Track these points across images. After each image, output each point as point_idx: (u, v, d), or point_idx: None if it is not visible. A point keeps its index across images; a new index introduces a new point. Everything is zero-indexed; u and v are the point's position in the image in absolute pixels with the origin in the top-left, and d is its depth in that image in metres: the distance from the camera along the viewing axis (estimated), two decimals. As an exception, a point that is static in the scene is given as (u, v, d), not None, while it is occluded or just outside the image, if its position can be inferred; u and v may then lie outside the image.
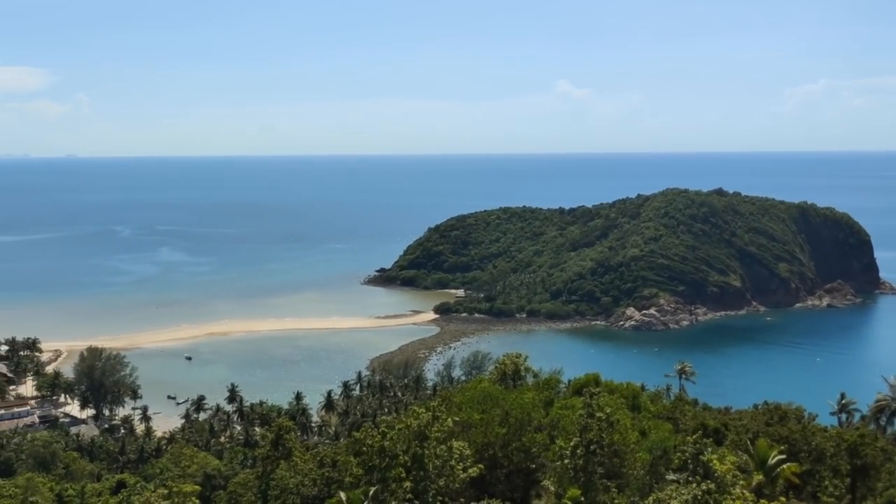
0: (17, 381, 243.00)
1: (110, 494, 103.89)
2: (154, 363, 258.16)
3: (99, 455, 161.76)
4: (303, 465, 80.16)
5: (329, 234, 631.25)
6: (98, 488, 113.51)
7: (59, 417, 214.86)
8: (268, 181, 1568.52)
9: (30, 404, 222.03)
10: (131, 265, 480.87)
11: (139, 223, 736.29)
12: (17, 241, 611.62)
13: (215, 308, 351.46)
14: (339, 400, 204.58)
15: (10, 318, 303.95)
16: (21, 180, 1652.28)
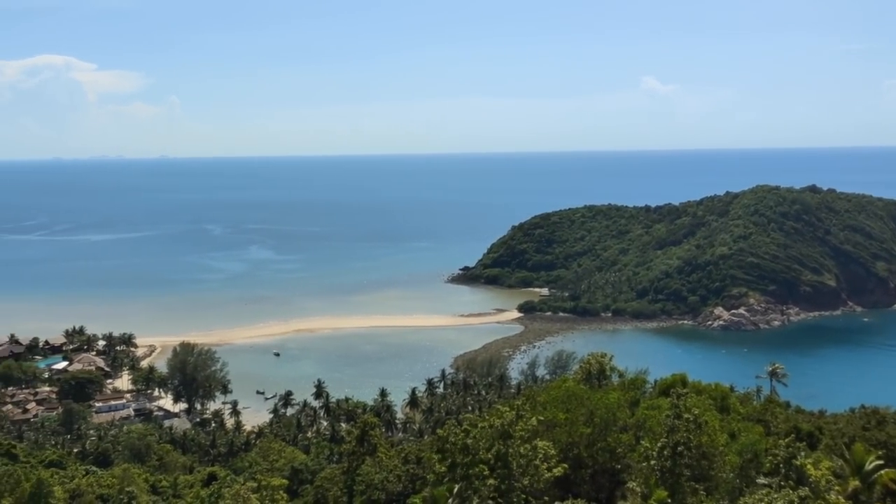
0: (114, 375, 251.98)
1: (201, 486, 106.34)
2: (243, 359, 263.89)
3: (191, 448, 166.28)
4: (388, 462, 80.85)
5: (413, 233, 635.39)
6: (190, 480, 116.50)
7: (154, 411, 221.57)
8: (353, 180, 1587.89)
9: (126, 398, 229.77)
10: (222, 263, 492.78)
11: (229, 222, 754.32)
12: (114, 239, 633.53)
13: (302, 305, 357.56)
14: (424, 397, 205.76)
15: (107, 315, 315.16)
16: (117, 180, 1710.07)
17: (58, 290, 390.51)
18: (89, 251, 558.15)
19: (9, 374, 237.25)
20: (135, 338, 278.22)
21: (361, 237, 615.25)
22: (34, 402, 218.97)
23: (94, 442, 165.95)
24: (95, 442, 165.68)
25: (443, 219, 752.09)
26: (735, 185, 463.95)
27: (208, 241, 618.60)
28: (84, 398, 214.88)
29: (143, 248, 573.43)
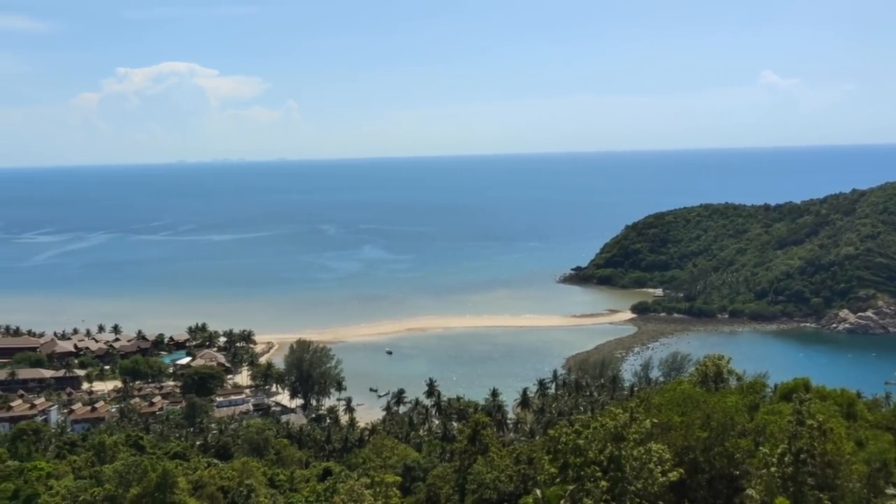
0: (234, 370, 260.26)
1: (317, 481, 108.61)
2: (357, 356, 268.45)
3: (307, 443, 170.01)
4: (499, 461, 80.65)
5: (523, 233, 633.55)
6: (306, 474, 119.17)
7: (271, 406, 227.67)
8: (463, 180, 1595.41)
9: (245, 393, 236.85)
10: (337, 262, 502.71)
11: (343, 222, 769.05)
12: (234, 239, 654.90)
13: (414, 304, 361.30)
14: (535, 398, 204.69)
15: (228, 312, 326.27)
16: (237, 182, 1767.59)
17: (181, 289, 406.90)
18: (211, 251, 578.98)
19: (136, 368, 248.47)
20: (254, 335, 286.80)
21: (472, 237, 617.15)
22: (159, 395, 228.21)
23: (216, 435, 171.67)
24: (216, 435, 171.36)
25: (553, 218, 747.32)
26: (861, 182, 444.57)
27: (323, 241, 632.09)
28: (206, 393, 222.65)
29: (261, 247, 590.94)
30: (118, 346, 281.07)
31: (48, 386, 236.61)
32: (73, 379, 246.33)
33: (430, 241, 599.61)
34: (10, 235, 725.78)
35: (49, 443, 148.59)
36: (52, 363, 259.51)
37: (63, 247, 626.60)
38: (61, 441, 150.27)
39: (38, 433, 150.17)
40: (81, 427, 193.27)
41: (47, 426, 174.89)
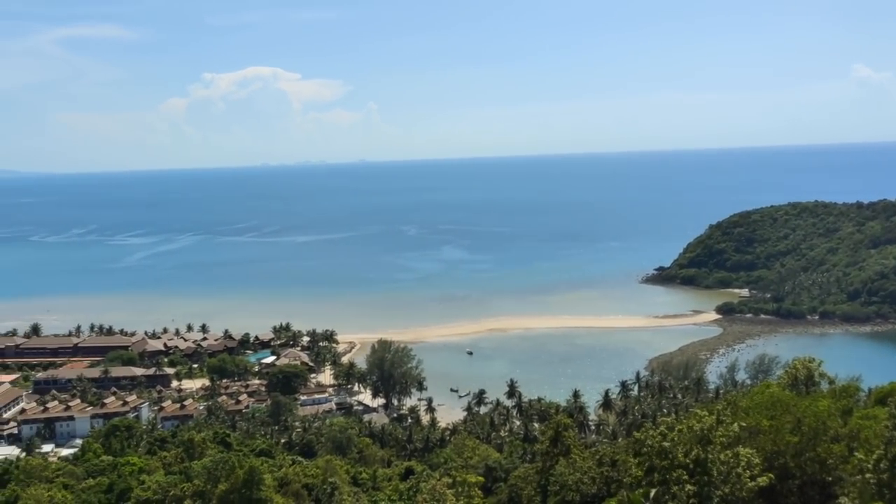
0: (317, 369, 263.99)
1: (399, 480, 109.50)
2: (438, 356, 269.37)
3: (388, 442, 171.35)
4: (582, 463, 79.86)
5: (605, 232, 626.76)
6: (388, 473, 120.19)
7: (354, 405, 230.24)
8: (544, 180, 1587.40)
9: (328, 392, 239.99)
10: (417, 262, 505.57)
11: (423, 223, 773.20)
12: (317, 240, 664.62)
13: (494, 304, 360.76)
14: (617, 399, 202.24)
15: (311, 312, 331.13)
16: (319, 184, 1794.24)
17: (266, 289, 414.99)
18: (295, 252, 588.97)
19: (223, 367, 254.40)
20: (336, 334, 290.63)
21: (552, 237, 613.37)
22: (245, 393, 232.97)
23: (300, 433, 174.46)
24: (300, 433, 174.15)
25: (635, 217, 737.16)
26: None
27: (404, 241, 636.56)
28: (290, 391, 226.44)
29: (343, 248, 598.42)
30: (206, 344, 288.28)
31: (139, 384, 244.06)
32: (163, 377, 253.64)
33: (511, 241, 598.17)
34: (103, 238, 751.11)
35: (140, 439, 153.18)
36: (143, 361, 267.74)
37: (153, 248, 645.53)
38: (152, 437, 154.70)
39: (131, 429, 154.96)
40: (171, 424, 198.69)
41: (139, 423, 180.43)
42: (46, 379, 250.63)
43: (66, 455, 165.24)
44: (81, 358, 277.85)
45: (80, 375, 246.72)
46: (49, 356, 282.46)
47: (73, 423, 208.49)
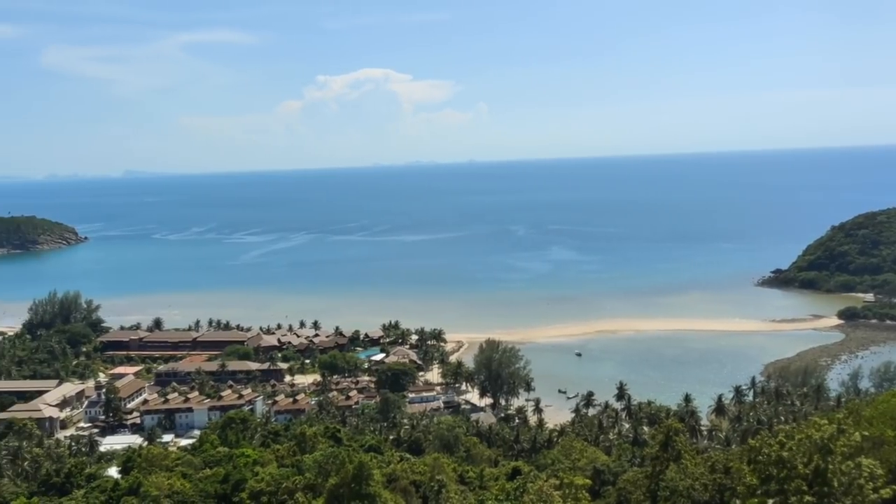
0: (425, 368, 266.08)
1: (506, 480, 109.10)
2: (546, 357, 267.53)
3: (496, 442, 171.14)
4: (693, 469, 77.94)
5: (719, 233, 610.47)
6: (495, 473, 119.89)
7: (461, 404, 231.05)
8: (655, 179, 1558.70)
9: (436, 390, 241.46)
10: (525, 263, 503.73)
11: (532, 223, 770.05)
12: (426, 239, 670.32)
13: (603, 306, 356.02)
14: (731, 405, 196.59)
15: (419, 311, 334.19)
16: (429, 184, 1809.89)
17: (376, 287, 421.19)
18: (404, 251, 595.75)
19: (334, 363, 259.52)
20: (444, 333, 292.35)
21: (663, 237, 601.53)
22: (355, 390, 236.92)
23: (408, 431, 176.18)
24: (409, 431, 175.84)
25: (749, 218, 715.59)
26: None
27: (512, 241, 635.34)
28: (399, 389, 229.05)
29: (452, 248, 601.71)
30: (317, 341, 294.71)
31: (254, 378, 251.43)
32: (276, 372, 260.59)
33: (621, 242, 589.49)
34: (221, 236, 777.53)
35: (255, 431, 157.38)
36: (257, 356, 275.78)
37: (268, 247, 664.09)
38: (266, 430, 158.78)
39: (246, 422, 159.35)
40: (284, 418, 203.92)
41: (253, 416, 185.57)
42: (167, 372, 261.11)
43: (184, 445, 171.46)
44: (200, 352, 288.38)
45: (198, 369, 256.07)
46: (170, 350, 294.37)
47: (191, 415, 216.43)
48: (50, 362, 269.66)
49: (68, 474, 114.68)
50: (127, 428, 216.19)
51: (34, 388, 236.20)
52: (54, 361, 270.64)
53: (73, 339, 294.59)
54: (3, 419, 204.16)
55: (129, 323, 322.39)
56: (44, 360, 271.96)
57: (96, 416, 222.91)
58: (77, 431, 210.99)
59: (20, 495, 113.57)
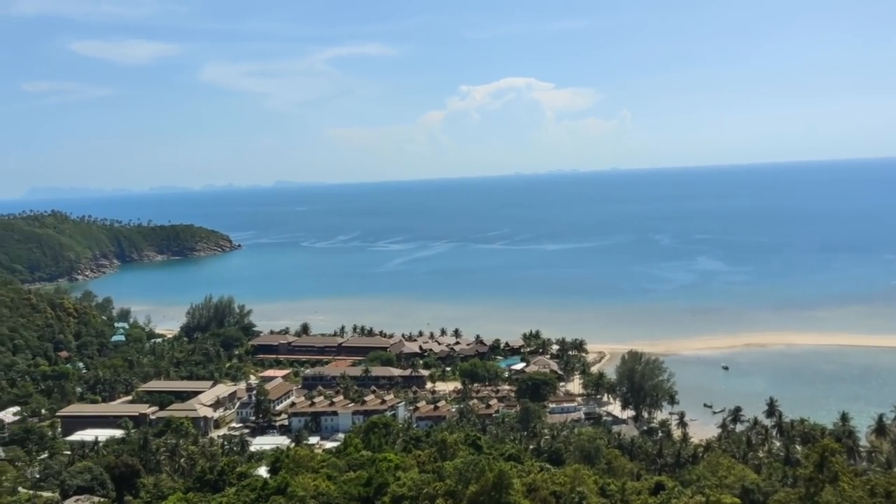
0: (566, 378, 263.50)
1: (649, 494, 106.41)
2: (690, 370, 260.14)
3: (638, 455, 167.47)
4: (851, 492, 73.75)
5: (883, 243, 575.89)
6: (637, 487, 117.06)
7: (602, 415, 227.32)
8: (809, 186, 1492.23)
9: (577, 401, 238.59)
10: (670, 273, 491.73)
11: (677, 232, 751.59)
12: (567, 248, 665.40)
13: (753, 318, 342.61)
14: (893, 425, 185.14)
15: (560, 320, 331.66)
16: (570, 192, 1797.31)
17: (516, 296, 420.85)
18: (545, 260, 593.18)
19: (475, 371, 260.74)
20: (585, 343, 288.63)
21: (819, 247, 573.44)
22: (496, 398, 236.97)
23: (548, 441, 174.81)
24: (549, 441, 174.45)
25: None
26: None
27: (656, 250, 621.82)
28: (539, 398, 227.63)
29: (593, 257, 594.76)
30: (458, 349, 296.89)
31: (396, 384, 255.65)
32: (418, 378, 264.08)
33: (772, 252, 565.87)
34: (365, 244, 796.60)
35: (397, 436, 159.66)
36: (399, 362, 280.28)
37: (411, 255, 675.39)
38: (408, 436, 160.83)
39: (388, 427, 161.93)
40: (425, 424, 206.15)
41: (396, 421, 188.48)
42: (314, 375, 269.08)
43: (329, 448, 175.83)
44: (345, 357, 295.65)
45: (343, 373, 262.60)
46: (316, 354, 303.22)
47: (336, 418, 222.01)
48: (205, 364, 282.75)
49: (221, 472, 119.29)
50: (275, 429, 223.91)
51: (190, 389, 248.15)
52: (209, 363, 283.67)
53: (226, 342, 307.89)
54: (162, 417, 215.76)
55: (279, 327, 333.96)
56: (199, 361, 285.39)
57: (247, 416, 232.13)
58: (229, 431, 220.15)
59: (177, 490, 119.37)
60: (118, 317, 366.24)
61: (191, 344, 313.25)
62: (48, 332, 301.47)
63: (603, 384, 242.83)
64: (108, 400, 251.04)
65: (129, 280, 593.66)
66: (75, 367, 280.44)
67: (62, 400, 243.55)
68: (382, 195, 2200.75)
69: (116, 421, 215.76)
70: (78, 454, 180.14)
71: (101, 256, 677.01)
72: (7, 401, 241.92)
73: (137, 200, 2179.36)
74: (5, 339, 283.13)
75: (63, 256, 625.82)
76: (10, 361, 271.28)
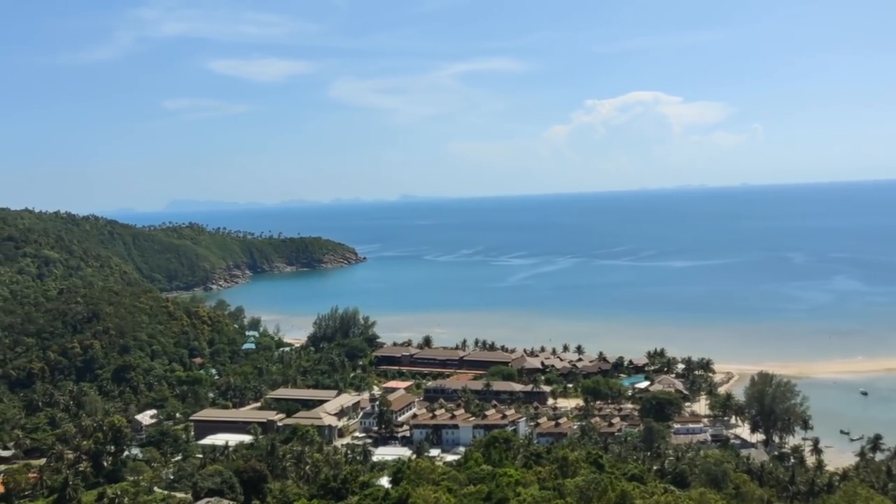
0: (691, 398, 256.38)
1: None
2: (825, 394, 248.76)
3: (768, 481, 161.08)
4: None
5: None
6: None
7: (730, 438, 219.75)
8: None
9: (703, 422, 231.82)
10: (803, 292, 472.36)
11: (811, 250, 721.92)
12: (695, 266, 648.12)
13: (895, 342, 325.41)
14: None
15: (686, 339, 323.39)
16: (698, 208, 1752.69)
17: (640, 313, 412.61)
18: (671, 277, 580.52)
19: (597, 388, 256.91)
20: (712, 363, 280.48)
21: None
22: (618, 416, 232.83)
23: (672, 462, 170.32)
24: (673, 462, 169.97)
25: None
26: None
27: (789, 269, 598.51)
28: (663, 418, 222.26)
29: (722, 274, 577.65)
30: (580, 365, 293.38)
31: (517, 399, 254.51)
32: (539, 394, 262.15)
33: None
34: (488, 258, 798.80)
35: (517, 452, 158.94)
36: (520, 377, 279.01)
37: (533, 270, 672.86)
38: (528, 451, 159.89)
39: (508, 442, 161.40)
40: (546, 440, 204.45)
41: (516, 436, 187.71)
42: (435, 388, 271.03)
43: (450, 461, 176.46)
44: (466, 370, 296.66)
45: (464, 387, 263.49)
46: (438, 367, 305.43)
47: (457, 431, 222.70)
48: (330, 373, 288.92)
49: (344, 480, 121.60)
50: (397, 440, 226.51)
51: (316, 398, 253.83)
52: (334, 373, 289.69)
53: (350, 353, 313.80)
54: (289, 424, 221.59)
55: (402, 339, 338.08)
56: (325, 371, 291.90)
57: (370, 426, 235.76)
58: (352, 440, 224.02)
59: (302, 496, 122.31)
60: (249, 325, 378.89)
61: (317, 353, 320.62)
62: (184, 338, 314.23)
63: (731, 406, 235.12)
64: (239, 406, 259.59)
65: (259, 290, 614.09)
66: (208, 374, 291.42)
67: (196, 404, 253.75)
68: (506, 209, 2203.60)
69: (246, 426, 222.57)
70: (209, 457, 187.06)
71: (235, 267, 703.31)
72: (145, 404, 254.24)
73: (269, 213, 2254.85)
74: (144, 345, 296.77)
75: (199, 266, 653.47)
76: (148, 366, 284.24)
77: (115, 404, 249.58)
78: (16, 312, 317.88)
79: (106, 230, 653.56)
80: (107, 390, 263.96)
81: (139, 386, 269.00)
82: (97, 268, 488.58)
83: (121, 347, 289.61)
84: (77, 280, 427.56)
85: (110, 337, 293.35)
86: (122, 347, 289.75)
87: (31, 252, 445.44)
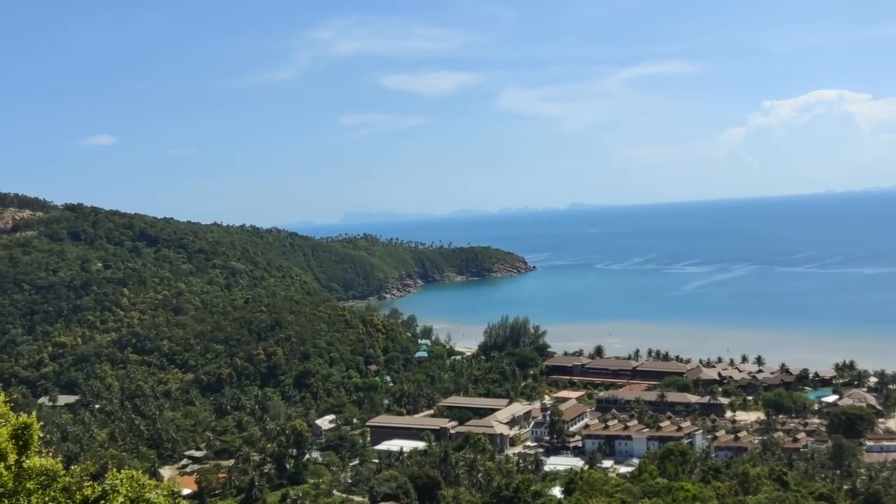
0: (885, 414, 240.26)
1: None
2: None
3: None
4: None
5: None
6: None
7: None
8: None
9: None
10: None
11: None
12: (886, 272, 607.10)
13: None
14: None
15: (879, 350, 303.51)
16: (892, 210, 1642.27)
17: (826, 323, 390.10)
18: (860, 284, 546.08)
19: (779, 402, 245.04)
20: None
21: None
22: (804, 432, 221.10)
23: (865, 481, 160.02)
24: (866, 482, 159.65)
25: None
26: None
27: None
28: (854, 435, 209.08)
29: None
30: (760, 377, 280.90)
31: (693, 411, 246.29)
32: (716, 406, 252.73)
33: None
34: (661, 266, 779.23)
35: (694, 466, 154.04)
36: (696, 389, 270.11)
37: (709, 277, 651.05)
38: (706, 465, 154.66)
39: (684, 455, 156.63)
40: (724, 454, 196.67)
41: (692, 449, 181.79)
42: (608, 398, 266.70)
43: (623, 472, 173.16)
44: (639, 381, 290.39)
45: (637, 398, 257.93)
46: (610, 377, 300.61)
47: (630, 443, 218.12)
48: (501, 382, 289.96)
49: (516, 489, 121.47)
50: (569, 450, 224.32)
51: (487, 406, 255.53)
52: (505, 382, 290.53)
53: (521, 362, 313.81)
54: (461, 432, 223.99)
55: (572, 349, 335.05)
56: (496, 379, 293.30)
57: (541, 436, 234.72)
58: (524, 449, 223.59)
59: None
60: (421, 334, 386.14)
61: (488, 362, 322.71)
62: (359, 346, 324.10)
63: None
64: (412, 413, 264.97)
65: (430, 299, 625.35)
66: (383, 381, 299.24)
67: (371, 410, 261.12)
68: (678, 216, 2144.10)
69: (419, 433, 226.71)
70: (385, 462, 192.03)
71: (407, 276, 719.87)
72: (324, 409, 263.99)
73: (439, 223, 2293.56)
74: (323, 352, 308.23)
75: (373, 276, 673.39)
76: (327, 373, 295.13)
77: (296, 409, 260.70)
78: (206, 321, 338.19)
79: (287, 242, 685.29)
80: (289, 395, 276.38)
81: (318, 391, 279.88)
82: (279, 278, 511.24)
83: (301, 354, 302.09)
84: (261, 290, 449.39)
85: (292, 344, 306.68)
86: (302, 354, 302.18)
87: (220, 263, 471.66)
